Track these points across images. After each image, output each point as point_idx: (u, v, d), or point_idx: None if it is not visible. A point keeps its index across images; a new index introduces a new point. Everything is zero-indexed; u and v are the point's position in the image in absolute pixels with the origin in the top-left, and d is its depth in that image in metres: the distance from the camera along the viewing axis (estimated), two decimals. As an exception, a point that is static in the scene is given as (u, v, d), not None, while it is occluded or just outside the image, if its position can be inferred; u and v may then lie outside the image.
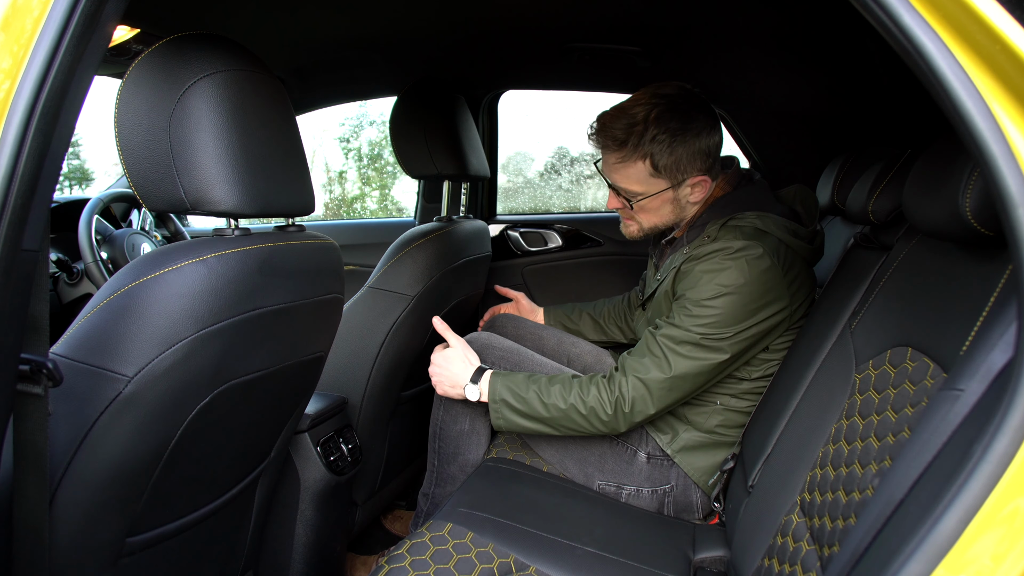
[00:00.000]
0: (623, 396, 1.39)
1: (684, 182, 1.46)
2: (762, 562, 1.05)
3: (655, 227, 1.54)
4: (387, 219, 3.04)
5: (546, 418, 1.43)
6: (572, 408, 1.41)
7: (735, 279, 1.33)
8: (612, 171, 1.50)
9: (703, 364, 1.37)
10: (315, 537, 1.47)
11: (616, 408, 1.39)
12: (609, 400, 1.40)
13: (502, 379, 1.47)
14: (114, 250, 1.94)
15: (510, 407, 1.45)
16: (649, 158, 1.43)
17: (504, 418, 1.46)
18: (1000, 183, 0.61)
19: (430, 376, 1.57)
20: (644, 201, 1.49)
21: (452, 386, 1.53)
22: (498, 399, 1.46)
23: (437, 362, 1.56)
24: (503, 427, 1.48)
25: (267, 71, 1.01)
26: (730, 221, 1.42)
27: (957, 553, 0.58)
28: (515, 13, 1.64)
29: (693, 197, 1.49)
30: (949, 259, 0.92)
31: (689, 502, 1.52)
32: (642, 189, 1.48)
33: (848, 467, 0.91)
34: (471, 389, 1.50)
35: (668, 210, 1.51)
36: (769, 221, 1.41)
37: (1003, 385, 0.61)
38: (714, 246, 1.38)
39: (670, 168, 1.44)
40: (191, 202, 0.92)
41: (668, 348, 1.37)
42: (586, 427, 1.42)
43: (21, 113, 0.67)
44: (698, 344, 1.36)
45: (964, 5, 0.61)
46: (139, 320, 0.86)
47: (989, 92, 0.62)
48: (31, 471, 0.78)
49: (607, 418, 1.40)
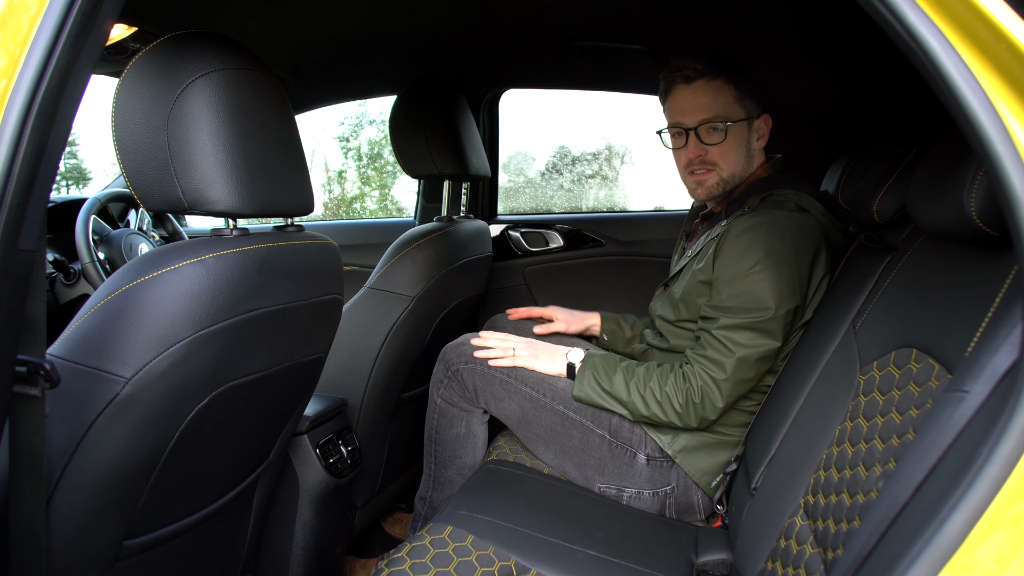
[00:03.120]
0: (693, 387, 1.42)
1: (758, 117, 1.52)
2: (765, 565, 1.04)
3: (732, 176, 1.54)
4: (387, 219, 3.04)
5: (622, 399, 1.48)
6: (651, 396, 1.45)
7: (775, 244, 1.36)
8: (694, 101, 1.51)
9: (759, 351, 1.39)
10: (314, 540, 1.46)
11: (687, 399, 1.43)
12: (681, 389, 1.43)
13: (596, 354, 1.55)
14: (111, 250, 1.94)
15: (596, 379, 1.50)
16: (732, 83, 1.49)
17: (586, 390, 1.50)
18: (1005, 183, 0.61)
19: (514, 353, 1.59)
20: (729, 138, 1.51)
21: (552, 355, 1.58)
22: (587, 369, 1.51)
23: (524, 343, 1.61)
24: (582, 398, 1.51)
25: (266, 70, 1.01)
26: (770, 196, 1.46)
27: (962, 556, 0.58)
28: (516, 11, 1.63)
29: (758, 144, 1.54)
30: (954, 260, 0.92)
31: (691, 503, 1.51)
32: (728, 114, 1.50)
33: (852, 469, 0.91)
34: (574, 353, 1.56)
35: (742, 155, 1.54)
36: (809, 202, 1.46)
37: (1008, 386, 0.60)
38: (754, 215, 1.42)
39: (748, 96, 1.50)
40: (189, 202, 0.91)
41: (726, 338, 1.39)
42: (660, 416, 1.45)
43: (18, 112, 0.67)
44: (751, 328, 1.38)
45: (969, 3, 0.61)
46: (137, 321, 0.85)
47: (994, 91, 0.61)
48: (28, 473, 0.78)
49: (680, 409, 1.43)
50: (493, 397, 1.60)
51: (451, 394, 1.64)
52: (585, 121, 4.15)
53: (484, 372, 1.59)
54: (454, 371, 1.62)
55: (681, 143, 1.55)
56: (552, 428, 1.56)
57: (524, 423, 1.59)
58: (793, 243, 1.38)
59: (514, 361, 1.58)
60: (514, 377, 1.57)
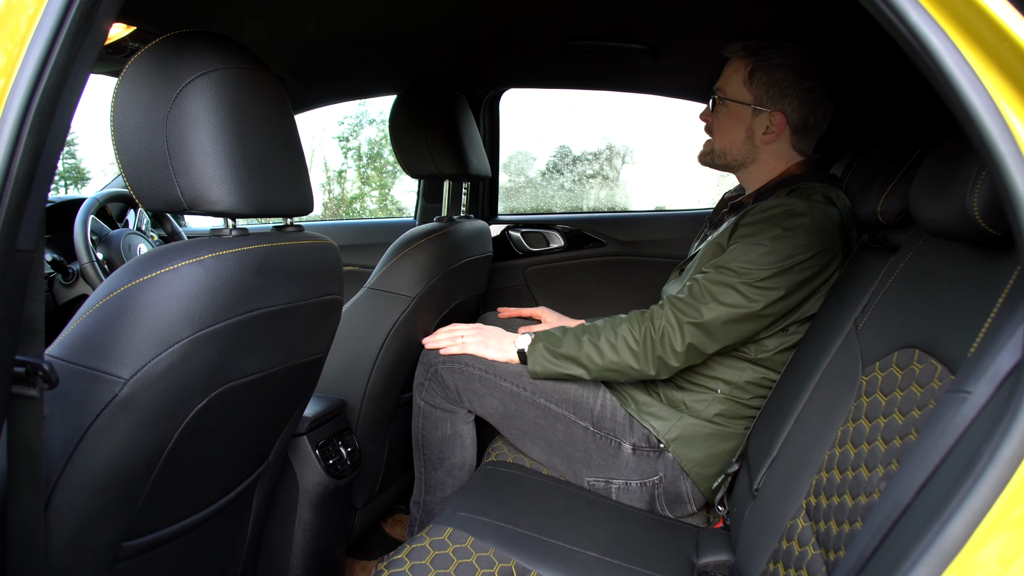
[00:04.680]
0: (653, 325, 1.40)
1: (763, 112, 1.51)
2: (767, 566, 1.04)
3: (723, 151, 1.57)
4: (387, 219, 3.04)
5: (576, 356, 1.46)
6: (604, 341, 1.43)
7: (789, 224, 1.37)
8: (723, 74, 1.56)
9: (734, 312, 1.37)
10: (314, 542, 1.46)
11: (645, 335, 1.40)
12: (639, 327, 1.41)
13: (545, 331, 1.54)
14: (110, 251, 1.93)
15: (547, 348, 1.49)
16: (751, 67, 1.50)
17: (540, 362, 1.50)
18: (1008, 182, 0.61)
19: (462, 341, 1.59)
20: (723, 110, 1.54)
21: (500, 342, 1.57)
22: (538, 343, 1.51)
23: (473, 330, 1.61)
24: (539, 372, 1.51)
25: (265, 69, 1.00)
26: (797, 189, 1.47)
27: (965, 558, 0.57)
28: (517, 11, 1.63)
29: (763, 138, 1.53)
30: (957, 260, 0.91)
31: (679, 493, 1.51)
32: (729, 91, 1.53)
33: (855, 470, 0.90)
34: (521, 339, 1.55)
35: (738, 137, 1.54)
36: (837, 195, 1.46)
37: (1011, 387, 0.60)
38: (779, 199, 1.43)
39: (760, 87, 1.50)
40: (188, 202, 0.91)
41: (705, 288, 1.39)
42: (614, 360, 1.42)
43: (16, 112, 0.67)
44: (734, 288, 1.37)
45: (971, 2, 0.61)
46: (135, 322, 0.85)
47: (997, 90, 0.61)
48: (26, 475, 0.78)
49: (636, 347, 1.41)
50: (475, 395, 1.59)
51: (433, 396, 1.63)
52: (586, 121, 4.15)
53: (463, 371, 1.58)
54: (433, 372, 1.61)
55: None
56: (535, 423, 1.55)
57: (507, 419, 1.58)
58: (810, 230, 1.38)
59: (463, 347, 1.58)
60: (492, 372, 1.56)
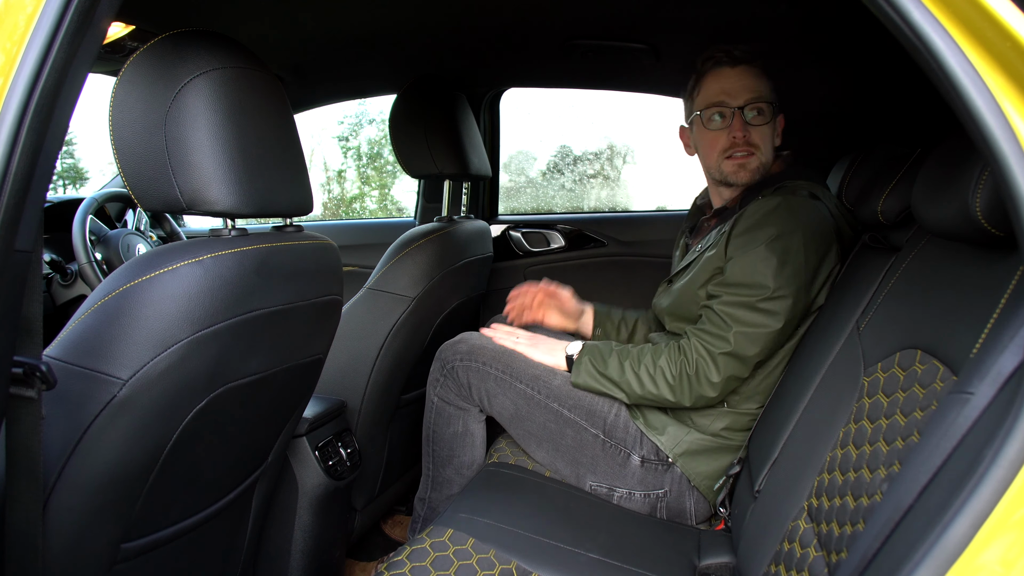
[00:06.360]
0: (688, 359, 1.42)
1: (779, 114, 1.54)
2: (769, 568, 1.04)
3: (766, 164, 1.55)
4: (387, 219, 3.04)
5: (618, 380, 1.48)
6: (644, 371, 1.46)
7: (787, 227, 1.37)
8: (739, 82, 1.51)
9: (760, 331, 1.38)
10: (313, 543, 1.46)
11: (681, 371, 1.42)
12: (676, 361, 1.43)
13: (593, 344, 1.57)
14: (109, 251, 1.93)
15: (592, 364, 1.51)
16: (766, 73, 1.52)
17: (583, 376, 1.52)
18: (1010, 182, 0.60)
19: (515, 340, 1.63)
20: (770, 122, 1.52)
21: (550, 346, 1.61)
22: (584, 356, 1.53)
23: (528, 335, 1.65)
24: (580, 384, 1.53)
25: (264, 69, 1.00)
26: (783, 186, 1.47)
27: (967, 560, 0.57)
28: (517, 10, 1.63)
29: (777, 140, 1.55)
30: (959, 260, 0.91)
31: (683, 508, 1.50)
32: (771, 97, 1.52)
33: (856, 472, 0.90)
34: (572, 345, 1.58)
35: (771, 146, 1.55)
36: (822, 191, 1.48)
37: (1014, 388, 0.60)
38: (769, 199, 1.43)
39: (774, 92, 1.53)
40: (187, 202, 0.91)
41: (725, 313, 1.39)
42: (653, 391, 1.45)
43: (14, 111, 0.66)
44: (752, 307, 1.37)
45: (974, 1, 0.60)
46: (134, 322, 0.85)
47: (999, 89, 0.61)
48: (24, 476, 0.77)
49: (673, 381, 1.43)
50: (487, 394, 1.59)
51: (447, 392, 1.63)
52: (587, 120, 4.14)
53: (479, 369, 1.59)
54: (449, 368, 1.61)
55: (722, 124, 1.52)
56: (546, 426, 1.55)
57: (518, 420, 1.58)
58: (804, 228, 1.38)
59: (515, 345, 1.61)
60: (509, 374, 1.57)
